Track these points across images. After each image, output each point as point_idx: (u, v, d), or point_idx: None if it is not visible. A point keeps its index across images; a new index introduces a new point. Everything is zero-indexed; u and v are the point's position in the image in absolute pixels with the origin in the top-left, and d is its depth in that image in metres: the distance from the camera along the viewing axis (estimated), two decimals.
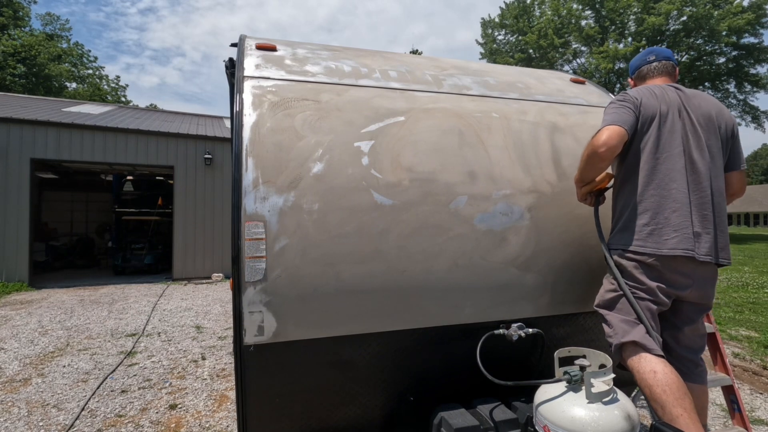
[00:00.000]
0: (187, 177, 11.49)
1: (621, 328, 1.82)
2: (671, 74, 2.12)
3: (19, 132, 9.96)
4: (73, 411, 3.55)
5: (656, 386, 1.64)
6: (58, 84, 33.90)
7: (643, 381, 1.70)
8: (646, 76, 2.15)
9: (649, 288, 1.82)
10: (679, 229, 1.78)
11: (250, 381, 1.71)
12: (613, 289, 1.91)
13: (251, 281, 1.65)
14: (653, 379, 1.66)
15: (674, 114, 1.88)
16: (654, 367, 1.69)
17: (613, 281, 1.91)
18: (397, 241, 1.81)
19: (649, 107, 1.88)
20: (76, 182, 15.46)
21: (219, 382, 4.21)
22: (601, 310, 1.95)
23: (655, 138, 1.86)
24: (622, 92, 2.00)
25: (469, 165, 2.03)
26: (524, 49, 28.87)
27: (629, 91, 2.01)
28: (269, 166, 1.76)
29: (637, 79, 2.20)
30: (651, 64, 2.14)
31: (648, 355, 1.73)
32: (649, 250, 1.80)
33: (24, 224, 9.98)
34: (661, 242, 1.80)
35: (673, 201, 1.81)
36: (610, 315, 1.89)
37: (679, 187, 1.81)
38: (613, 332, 1.85)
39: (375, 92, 2.14)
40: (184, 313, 7.36)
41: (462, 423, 1.73)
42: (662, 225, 1.80)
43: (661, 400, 1.62)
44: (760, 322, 6.32)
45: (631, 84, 2.25)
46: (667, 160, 1.83)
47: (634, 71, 2.23)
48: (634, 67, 2.23)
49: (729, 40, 23.34)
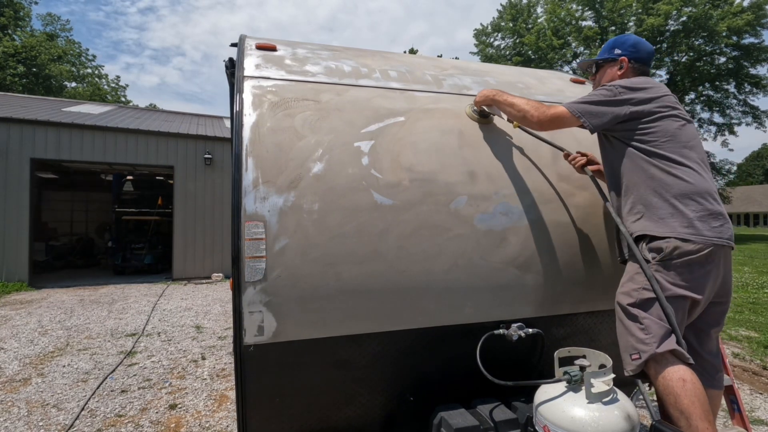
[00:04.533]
0: (187, 177, 11.48)
1: (658, 335, 1.64)
2: None
3: (19, 132, 9.96)
4: (73, 411, 3.55)
5: (684, 396, 1.55)
6: (58, 84, 33.89)
7: (669, 389, 1.59)
8: (637, 71, 2.05)
9: (693, 286, 1.68)
10: (721, 215, 1.71)
11: (250, 381, 1.71)
12: (648, 287, 1.70)
13: (251, 281, 1.65)
14: (682, 389, 1.56)
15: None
16: (683, 375, 1.59)
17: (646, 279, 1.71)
18: (397, 241, 1.81)
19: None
20: (76, 182, 15.45)
21: (219, 382, 4.21)
22: (633, 309, 1.72)
23: (673, 119, 1.84)
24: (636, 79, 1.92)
25: (469, 165, 2.03)
26: (522, 52, 28.86)
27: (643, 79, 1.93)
28: (269, 166, 1.76)
29: (637, 62, 2.04)
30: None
31: (678, 363, 1.62)
32: (704, 239, 1.66)
33: (24, 224, 9.98)
34: (711, 229, 1.68)
35: (705, 181, 1.75)
36: (648, 318, 1.67)
37: (706, 168, 1.80)
38: (650, 338, 1.65)
39: (375, 92, 2.14)
40: (184, 313, 7.36)
41: (462, 423, 1.73)
42: (710, 210, 1.71)
43: (688, 411, 1.54)
44: (760, 322, 6.32)
45: (625, 63, 2.04)
46: (688, 136, 1.82)
47: (638, 51, 2.05)
48: (641, 49, 2.05)
49: (729, 40, 23.33)
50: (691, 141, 1.84)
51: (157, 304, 8.11)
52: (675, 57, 25.29)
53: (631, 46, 2.06)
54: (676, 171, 1.77)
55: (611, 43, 2.14)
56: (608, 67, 2.11)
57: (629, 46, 2.06)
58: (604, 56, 2.13)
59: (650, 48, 2.11)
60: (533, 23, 28.82)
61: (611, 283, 2.11)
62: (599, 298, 2.11)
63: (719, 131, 27.53)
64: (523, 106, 1.96)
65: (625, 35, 2.17)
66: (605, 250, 2.13)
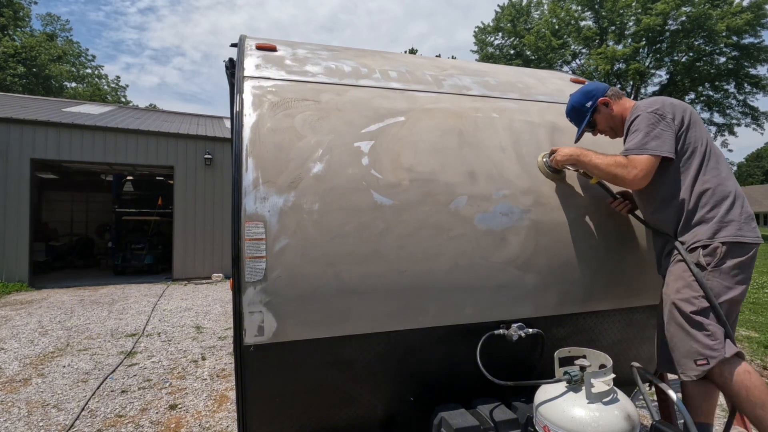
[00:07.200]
0: (187, 177, 11.48)
1: (722, 340, 1.72)
2: None
3: (19, 132, 9.96)
4: (73, 411, 3.55)
5: (754, 387, 1.66)
6: (58, 84, 33.89)
7: (740, 384, 1.68)
8: (619, 94, 2.17)
9: (744, 287, 1.79)
10: (753, 217, 1.81)
11: (250, 381, 1.71)
12: (702, 295, 1.76)
13: (251, 281, 1.65)
14: (750, 381, 1.68)
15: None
16: (746, 367, 1.70)
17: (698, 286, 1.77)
18: (397, 242, 1.81)
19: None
20: (76, 182, 15.44)
21: (219, 382, 4.21)
22: (697, 317, 1.75)
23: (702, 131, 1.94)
24: (656, 107, 1.95)
25: (469, 165, 2.03)
26: (521, 53, 28.85)
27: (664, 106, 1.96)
28: (269, 166, 1.76)
29: (614, 97, 2.15)
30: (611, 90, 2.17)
31: (738, 360, 1.73)
32: (753, 239, 1.76)
33: (24, 224, 9.97)
34: (754, 230, 1.79)
35: (737, 184, 1.85)
36: (712, 324, 1.74)
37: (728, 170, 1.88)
38: (717, 344, 1.71)
39: (375, 92, 2.14)
40: (184, 313, 7.35)
41: (462, 423, 1.73)
42: (749, 212, 1.81)
43: (761, 399, 1.64)
44: (760, 322, 6.32)
45: (611, 103, 2.13)
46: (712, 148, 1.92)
47: (603, 93, 2.15)
48: (601, 90, 2.16)
49: (728, 40, 23.31)
50: (713, 145, 1.92)
51: (157, 304, 8.11)
52: (675, 57, 25.28)
53: (590, 92, 2.16)
54: (714, 176, 1.85)
55: (577, 104, 2.18)
56: (598, 116, 2.15)
57: (588, 93, 2.15)
58: (586, 118, 2.14)
59: (594, 83, 2.27)
60: (533, 24, 28.81)
61: (611, 283, 2.12)
62: (599, 298, 2.11)
63: (719, 131, 27.54)
64: (612, 169, 1.92)
65: (574, 95, 2.22)
66: (605, 250, 2.13)
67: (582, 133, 2.17)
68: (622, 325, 2.23)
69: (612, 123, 2.16)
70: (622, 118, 2.11)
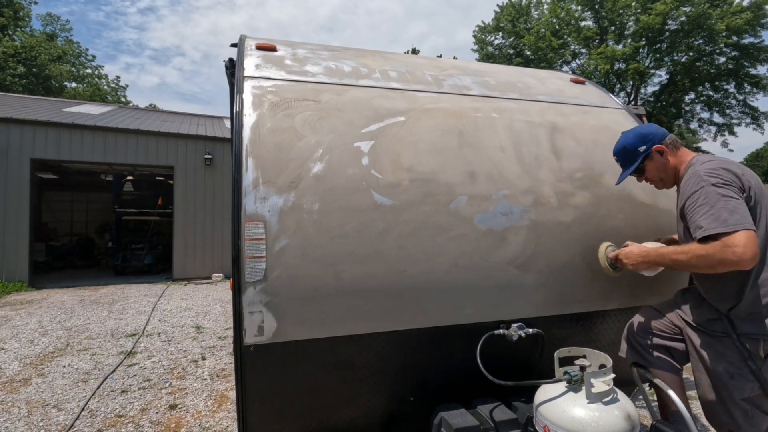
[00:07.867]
0: (187, 177, 11.48)
1: (761, 427, 1.68)
2: None
3: (19, 132, 9.95)
4: (73, 411, 3.55)
5: None
6: (58, 84, 33.89)
7: None
8: (677, 144, 1.91)
9: None
10: None
11: (250, 381, 1.71)
12: (751, 378, 1.64)
13: (251, 281, 1.65)
14: None
15: None
16: None
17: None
18: (397, 242, 1.81)
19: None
20: (76, 182, 15.43)
21: (219, 382, 4.21)
22: (744, 404, 1.67)
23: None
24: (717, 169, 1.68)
25: (469, 165, 2.03)
26: (521, 53, 28.84)
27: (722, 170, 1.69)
28: (269, 166, 1.76)
29: (672, 146, 1.90)
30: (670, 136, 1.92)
31: None
32: None
33: (24, 224, 9.97)
34: None
35: None
36: (759, 414, 1.67)
37: None
38: (754, 430, 1.67)
39: (375, 92, 2.14)
40: (184, 313, 7.35)
41: (462, 423, 1.74)
42: None
43: None
44: None
45: (665, 151, 1.89)
46: None
47: (660, 140, 1.90)
48: (659, 136, 1.91)
49: (728, 40, 23.31)
50: None
51: (157, 304, 8.11)
52: (675, 57, 25.28)
53: (646, 135, 1.93)
54: None
55: (630, 146, 1.94)
56: (650, 163, 1.92)
57: (645, 137, 1.92)
58: (636, 162, 1.93)
59: (652, 125, 2.00)
60: (533, 24, 28.81)
61: (611, 283, 2.12)
62: (599, 299, 2.12)
63: (719, 131, 27.52)
64: (694, 261, 1.62)
65: (627, 134, 1.98)
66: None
67: (626, 176, 1.97)
68: (622, 325, 2.22)
69: (664, 174, 1.91)
70: (675, 171, 1.88)
